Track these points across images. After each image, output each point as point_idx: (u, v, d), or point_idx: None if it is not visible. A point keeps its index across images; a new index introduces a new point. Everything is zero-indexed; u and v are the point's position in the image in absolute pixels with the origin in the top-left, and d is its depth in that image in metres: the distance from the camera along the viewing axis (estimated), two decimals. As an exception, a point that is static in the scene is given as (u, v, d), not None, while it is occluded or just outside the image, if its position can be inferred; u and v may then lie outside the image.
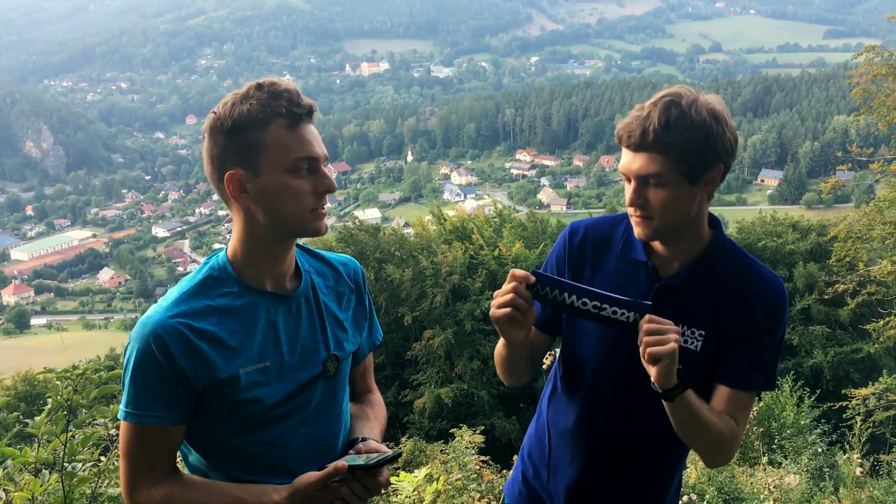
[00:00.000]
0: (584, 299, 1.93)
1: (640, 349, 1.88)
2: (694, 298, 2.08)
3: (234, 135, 1.78)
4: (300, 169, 1.77)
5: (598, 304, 1.92)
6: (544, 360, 2.47)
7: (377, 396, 2.29)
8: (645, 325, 1.88)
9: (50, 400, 2.69)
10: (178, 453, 1.95)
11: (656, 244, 2.12)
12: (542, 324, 2.30)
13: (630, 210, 2.05)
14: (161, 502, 1.79)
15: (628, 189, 2.03)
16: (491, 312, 1.99)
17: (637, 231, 2.06)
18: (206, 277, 1.87)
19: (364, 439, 2.00)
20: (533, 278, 1.94)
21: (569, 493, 2.29)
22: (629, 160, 2.00)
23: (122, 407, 1.80)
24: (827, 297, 18.75)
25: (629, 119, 2.00)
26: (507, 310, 1.95)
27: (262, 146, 1.76)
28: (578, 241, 2.24)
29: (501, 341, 2.15)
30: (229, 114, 1.78)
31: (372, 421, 2.15)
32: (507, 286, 1.95)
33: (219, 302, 1.84)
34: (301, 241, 2.00)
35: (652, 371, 1.88)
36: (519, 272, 1.95)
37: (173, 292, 1.86)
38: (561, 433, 2.30)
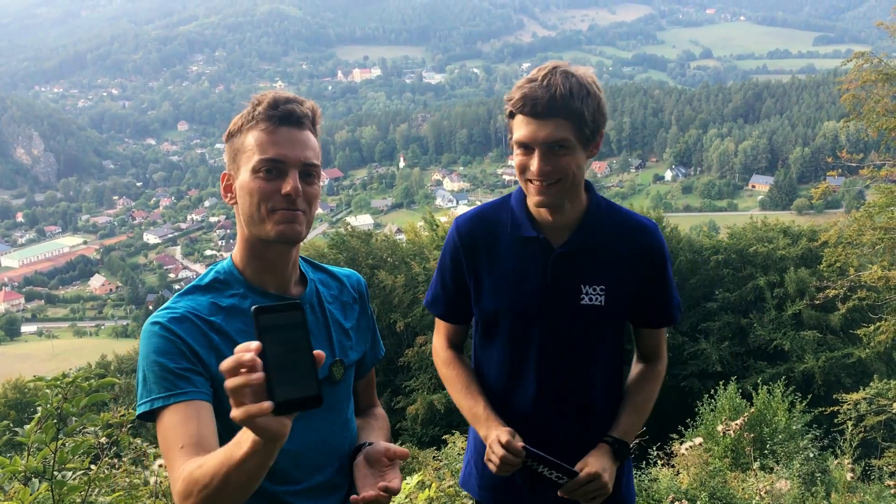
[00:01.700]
0: (552, 471, 2.14)
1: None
2: (588, 259, 2.23)
3: (228, 140, 1.87)
4: (261, 170, 1.78)
5: (559, 475, 2.15)
6: None
7: (381, 411, 2.29)
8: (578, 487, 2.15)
9: (40, 408, 2.68)
10: None
11: (544, 217, 2.22)
12: (457, 317, 2.45)
13: (534, 180, 2.10)
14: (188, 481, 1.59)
15: (532, 158, 2.08)
16: (487, 461, 2.18)
17: (538, 199, 2.13)
18: (212, 281, 1.90)
19: (371, 444, 1.98)
20: (523, 453, 2.13)
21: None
22: (535, 128, 2.06)
23: (141, 402, 1.74)
24: (818, 302, 18.81)
25: (527, 90, 2.05)
26: (498, 468, 2.15)
27: (241, 149, 1.83)
28: (466, 233, 2.31)
29: (470, 414, 2.35)
30: (231, 123, 1.88)
31: (376, 430, 2.15)
32: (502, 453, 2.12)
33: (225, 302, 1.86)
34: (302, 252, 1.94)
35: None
36: (513, 447, 2.12)
37: (180, 292, 1.90)
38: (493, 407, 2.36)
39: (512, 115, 2.13)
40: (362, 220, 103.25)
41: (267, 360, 1.31)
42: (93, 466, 3.03)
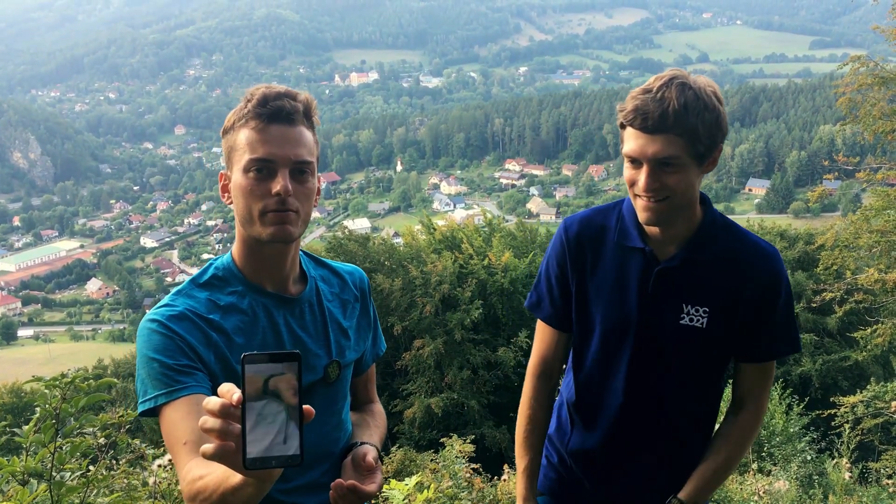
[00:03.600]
0: None
1: None
2: (693, 277, 2.12)
3: (224, 138, 1.86)
4: (251, 169, 1.77)
5: None
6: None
7: (379, 407, 2.29)
8: None
9: (38, 409, 2.67)
10: None
11: (652, 229, 2.13)
12: (559, 321, 2.34)
13: (642, 195, 2.03)
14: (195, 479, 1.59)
15: (640, 173, 2.01)
16: None
17: (646, 216, 2.05)
18: (211, 277, 1.89)
19: (362, 444, 1.99)
20: None
21: (596, 474, 2.34)
22: (644, 143, 1.97)
23: (143, 400, 1.73)
24: (815, 305, 18.80)
25: (639, 101, 1.97)
26: None
27: (234, 147, 1.81)
28: (574, 234, 2.26)
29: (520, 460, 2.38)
30: (226, 119, 1.87)
31: (372, 428, 2.14)
32: None
33: (224, 300, 1.85)
34: (304, 248, 1.95)
35: None
36: None
37: (178, 288, 1.90)
38: (581, 417, 2.36)
39: (623, 126, 2.05)
40: (359, 224, 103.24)
41: (247, 412, 1.25)
42: (91, 467, 3.03)
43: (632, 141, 2.01)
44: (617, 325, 2.19)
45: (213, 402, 1.27)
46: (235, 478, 1.39)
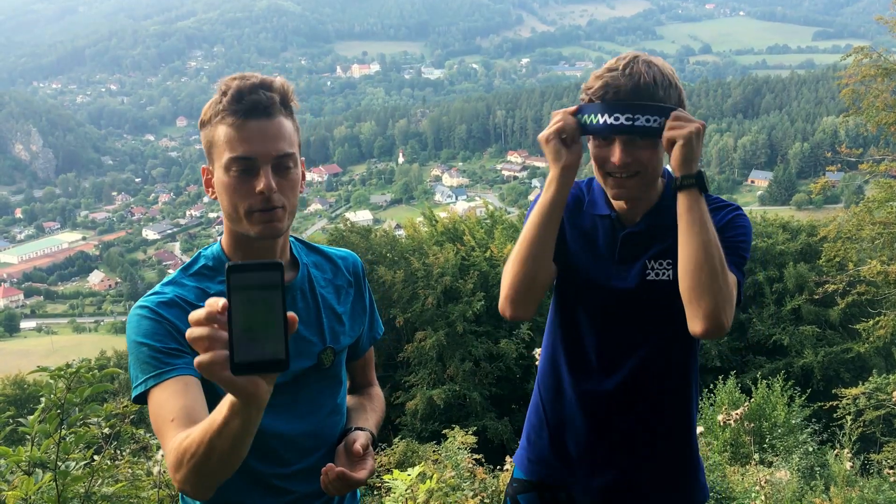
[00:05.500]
0: (616, 114, 1.97)
1: (664, 140, 1.97)
2: (657, 239, 2.16)
3: (202, 132, 1.82)
4: (231, 168, 1.74)
5: (630, 115, 1.96)
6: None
7: (377, 390, 2.29)
8: (669, 121, 1.96)
9: (43, 399, 2.68)
10: None
11: (619, 203, 2.17)
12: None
13: (615, 172, 2.05)
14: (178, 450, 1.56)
15: (612, 150, 2.03)
16: (540, 136, 2.11)
17: (617, 192, 2.10)
18: (201, 267, 1.90)
19: (356, 429, 1.99)
20: (574, 108, 2.09)
21: (580, 455, 2.32)
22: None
23: (136, 385, 1.73)
24: (817, 297, 18.83)
25: (608, 78, 2.01)
26: (559, 124, 2.07)
27: (213, 143, 1.78)
28: None
29: (539, 203, 2.12)
30: (202, 111, 1.83)
31: (368, 412, 2.14)
32: (556, 116, 2.11)
33: (213, 288, 1.85)
34: (299, 235, 1.96)
35: (674, 155, 1.98)
36: (564, 110, 2.11)
37: (168, 278, 1.90)
38: (556, 400, 2.34)
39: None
40: (361, 216, 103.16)
41: (233, 319, 1.26)
42: (96, 457, 3.04)
43: None
44: (590, 286, 2.21)
45: (199, 311, 1.29)
46: (220, 413, 1.38)
